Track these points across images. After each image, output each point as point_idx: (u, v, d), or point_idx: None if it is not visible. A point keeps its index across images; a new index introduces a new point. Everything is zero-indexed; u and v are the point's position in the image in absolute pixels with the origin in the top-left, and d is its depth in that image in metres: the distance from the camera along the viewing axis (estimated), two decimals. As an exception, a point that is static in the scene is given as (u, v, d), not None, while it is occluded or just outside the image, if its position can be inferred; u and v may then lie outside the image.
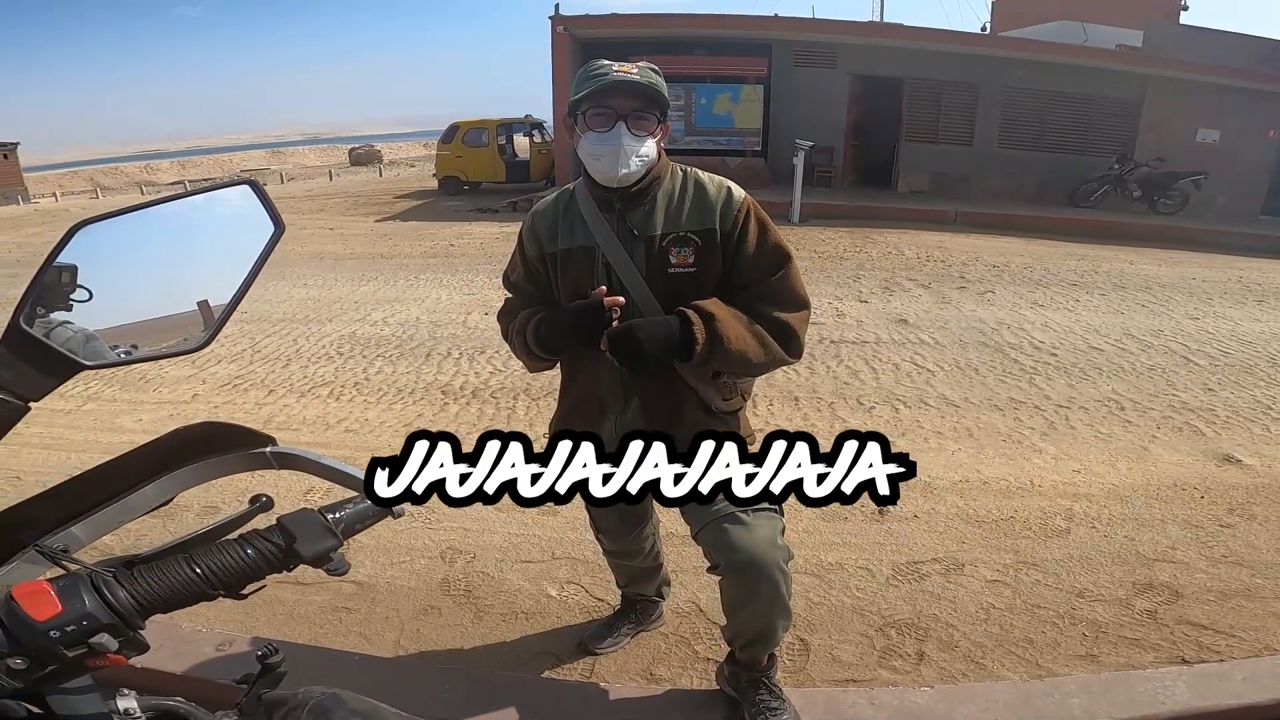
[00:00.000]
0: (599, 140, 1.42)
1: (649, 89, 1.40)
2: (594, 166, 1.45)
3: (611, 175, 1.43)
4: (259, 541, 0.71)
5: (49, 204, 20.38)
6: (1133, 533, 2.66)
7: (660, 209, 1.49)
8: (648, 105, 1.42)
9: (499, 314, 1.67)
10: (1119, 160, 12.02)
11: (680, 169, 1.55)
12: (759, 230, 1.49)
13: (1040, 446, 3.40)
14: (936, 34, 13.03)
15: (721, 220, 1.48)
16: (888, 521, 2.74)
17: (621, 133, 1.41)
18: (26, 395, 0.67)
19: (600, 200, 1.51)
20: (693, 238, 1.48)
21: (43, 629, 0.60)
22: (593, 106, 1.42)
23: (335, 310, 6.17)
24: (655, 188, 1.50)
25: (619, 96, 1.41)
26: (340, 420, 3.86)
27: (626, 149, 1.41)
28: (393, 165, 29.58)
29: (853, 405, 3.91)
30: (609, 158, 1.42)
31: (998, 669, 2.01)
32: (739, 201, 1.50)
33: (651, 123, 1.44)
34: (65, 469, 3.17)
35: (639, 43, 12.19)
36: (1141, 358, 4.69)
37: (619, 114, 1.41)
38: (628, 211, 1.49)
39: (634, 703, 1.86)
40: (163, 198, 0.75)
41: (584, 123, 1.44)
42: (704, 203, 1.49)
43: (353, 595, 2.35)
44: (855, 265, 7.72)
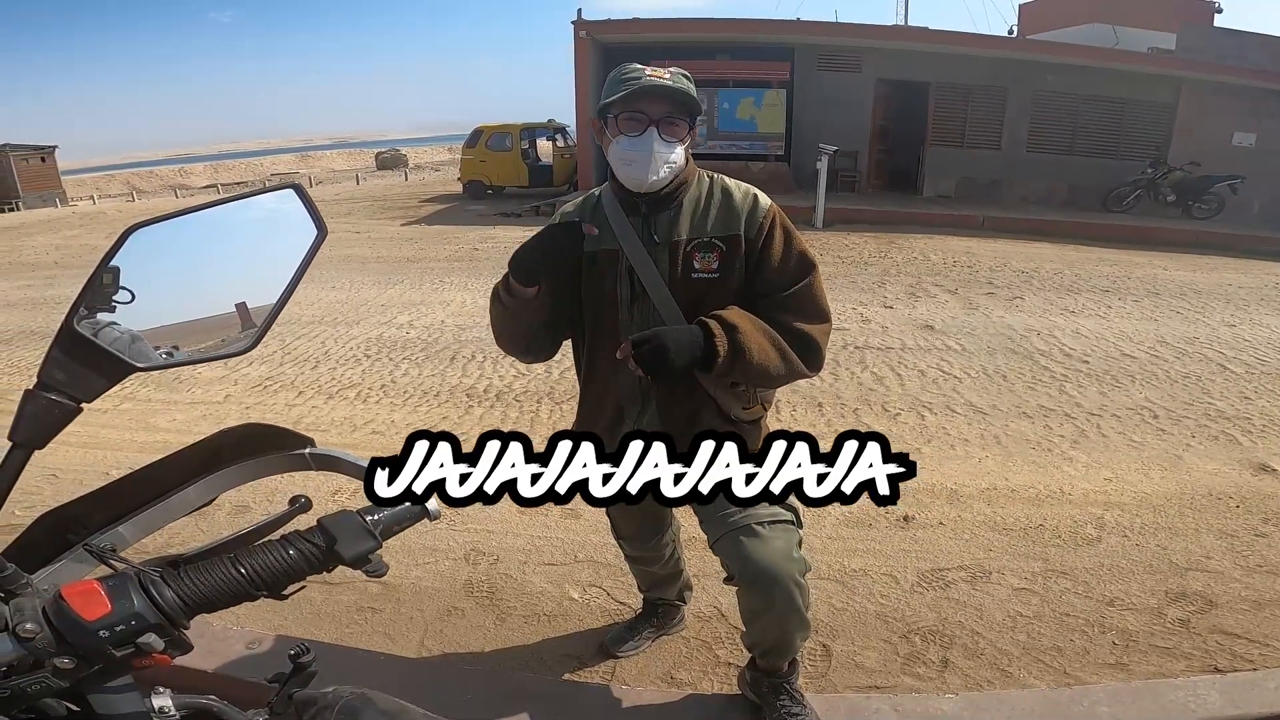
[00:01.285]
0: (630, 145, 1.42)
1: (681, 94, 1.40)
2: (623, 171, 1.45)
3: (641, 181, 1.43)
4: (300, 542, 0.71)
5: (86, 206, 20.91)
6: (1166, 541, 2.61)
7: (686, 214, 1.49)
8: (679, 111, 1.42)
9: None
10: (1153, 164, 11.77)
11: (707, 175, 1.55)
12: (784, 239, 1.48)
13: (1071, 454, 3.34)
14: (967, 38, 12.88)
15: (747, 227, 1.47)
16: (913, 528, 2.71)
17: (653, 138, 1.41)
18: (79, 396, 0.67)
19: (626, 204, 1.50)
20: (717, 243, 1.47)
21: (92, 629, 0.60)
22: (624, 110, 1.42)
23: (362, 313, 6.26)
24: (682, 193, 1.50)
25: (651, 101, 1.40)
26: (367, 422, 3.92)
27: (658, 155, 1.41)
28: (418, 169, 29.92)
29: (877, 411, 3.87)
30: (640, 163, 1.41)
31: (1024, 677, 1.98)
32: (765, 209, 1.49)
33: (682, 128, 1.43)
34: (101, 467, 3.25)
35: (661, 47, 12.22)
36: (1176, 365, 4.59)
37: (651, 119, 1.40)
38: (653, 215, 1.49)
39: (655, 707, 1.86)
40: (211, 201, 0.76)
41: (615, 126, 1.44)
42: (730, 209, 1.49)
43: (378, 595, 2.37)
44: (880, 271, 7.65)
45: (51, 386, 0.66)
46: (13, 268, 9.79)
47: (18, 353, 5.48)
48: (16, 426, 0.65)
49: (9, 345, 5.69)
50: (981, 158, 13.15)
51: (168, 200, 21.91)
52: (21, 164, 21.28)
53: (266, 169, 33.21)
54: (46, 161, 22.17)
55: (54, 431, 0.67)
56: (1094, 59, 12.37)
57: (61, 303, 7.12)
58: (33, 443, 0.66)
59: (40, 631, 0.60)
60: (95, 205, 21.35)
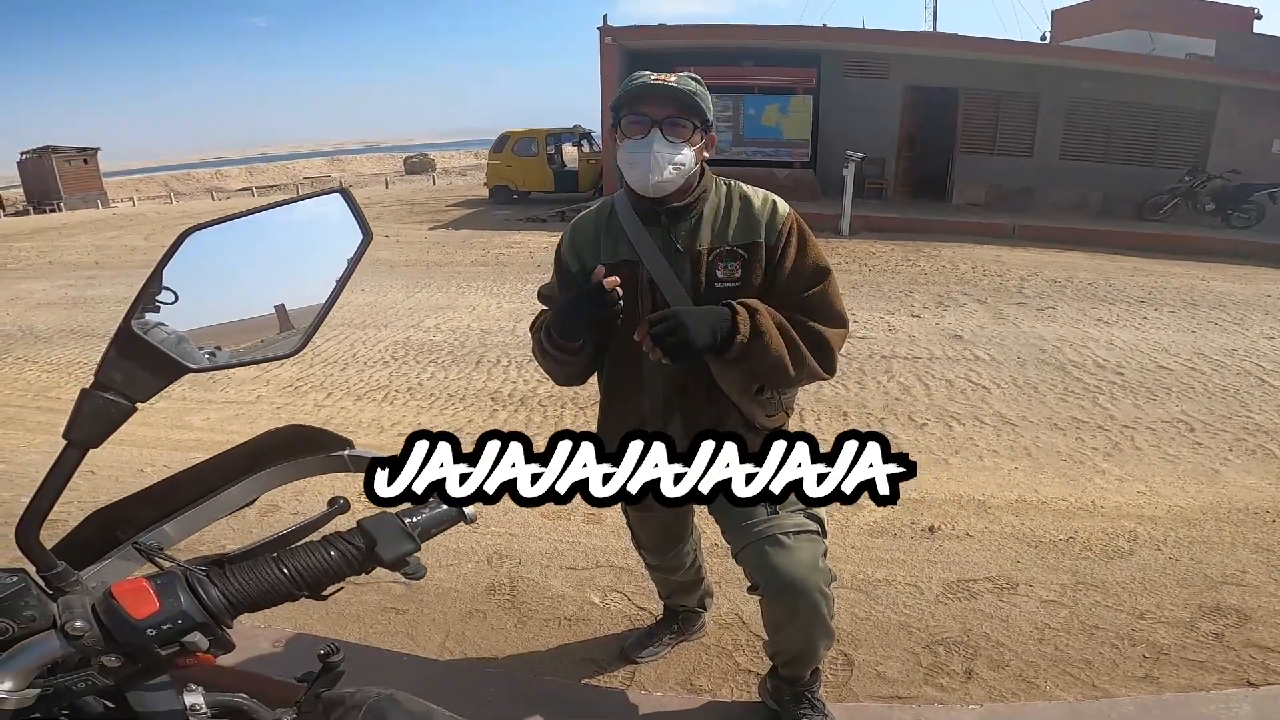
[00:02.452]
0: (633, 147, 1.42)
1: (682, 95, 1.39)
2: (629, 174, 1.45)
3: (644, 183, 1.43)
4: (341, 544, 0.71)
5: (127, 208, 21.46)
6: (1200, 555, 2.55)
7: (707, 223, 1.48)
8: (682, 112, 1.41)
9: (530, 326, 1.66)
10: (1191, 172, 11.50)
11: (724, 182, 1.54)
12: (800, 245, 1.48)
13: (1103, 467, 3.28)
14: (999, 44, 12.72)
15: (767, 234, 1.47)
16: (938, 539, 2.68)
17: (654, 139, 1.40)
18: (134, 397, 0.68)
19: (644, 213, 1.49)
20: (739, 252, 1.47)
21: (140, 627, 0.61)
22: (628, 113, 1.42)
23: (390, 316, 6.34)
24: (701, 201, 1.49)
25: (653, 103, 1.40)
26: (394, 424, 3.97)
27: (660, 155, 1.40)
28: (445, 174, 30.26)
29: (904, 421, 3.83)
30: (642, 165, 1.41)
31: (1051, 689, 1.94)
32: (784, 216, 1.49)
33: (687, 130, 1.42)
34: (136, 465, 3.34)
35: (687, 53, 12.25)
36: (1214, 378, 4.47)
37: (653, 120, 1.40)
38: (674, 225, 1.48)
39: (674, 713, 1.86)
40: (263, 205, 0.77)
41: (621, 131, 1.45)
42: (750, 216, 1.48)
43: (402, 596, 2.40)
44: (907, 279, 7.56)
45: (108, 386, 0.67)
46: (53, 267, 10.09)
47: (57, 351, 5.64)
48: (72, 425, 0.66)
49: (49, 344, 5.87)
50: (1013, 165, 12.95)
51: (204, 203, 22.44)
52: (64, 165, 21.90)
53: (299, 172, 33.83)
54: (89, 163, 22.77)
55: (109, 431, 0.68)
56: (1132, 65, 12.14)
57: (101, 302, 7.33)
58: (88, 442, 0.67)
59: (89, 630, 0.60)
60: (135, 207, 21.91)
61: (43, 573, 0.66)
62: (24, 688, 0.58)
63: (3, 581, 0.61)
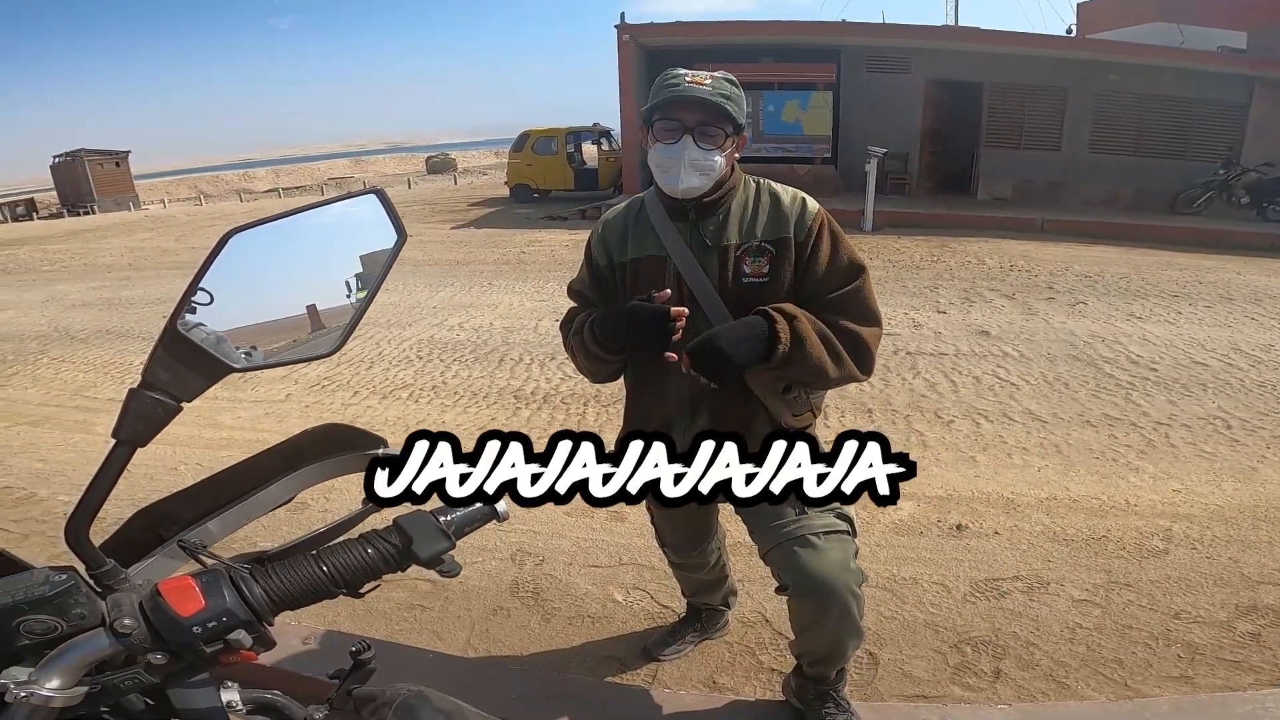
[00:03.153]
0: (665, 152, 1.43)
1: (715, 104, 1.39)
2: (660, 178, 1.46)
3: (675, 188, 1.44)
4: (379, 542, 0.72)
5: (158, 210, 21.90)
6: (1237, 554, 2.48)
7: (735, 219, 1.49)
8: (715, 119, 1.41)
9: (561, 323, 1.67)
10: (1225, 165, 11.21)
11: (754, 180, 1.54)
12: (832, 243, 1.47)
13: (1137, 465, 3.21)
14: (1024, 38, 12.48)
15: (796, 230, 1.46)
16: (966, 537, 2.64)
17: (686, 146, 1.40)
18: (180, 396, 0.69)
19: (673, 209, 1.50)
20: (767, 247, 1.46)
21: (187, 624, 0.61)
22: (661, 118, 1.42)
23: (414, 315, 6.41)
24: (730, 198, 1.50)
25: (686, 110, 1.40)
26: (419, 422, 4.01)
27: (690, 162, 1.41)
28: (466, 173, 30.47)
29: (930, 418, 3.78)
30: (673, 170, 1.42)
31: (1082, 689, 1.91)
32: (813, 213, 1.48)
33: (719, 136, 1.42)
34: (170, 463, 3.41)
35: (705, 50, 12.20)
36: (1251, 374, 4.35)
37: (686, 127, 1.40)
38: (701, 221, 1.48)
39: (697, 712, 1.85)
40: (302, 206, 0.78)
41: (653, 135, 1.45)
42: (779, 213, 1.48)
43: (428, 594, 2.42)
44: (932, 275, 7.47)
45: (155, 386, 0.68)
46: (88, 269, 10.35)
47: (94, 351, 5.78)
48: (121, 425, 0.67)
49: (85, 344, 6.01)
50: (1040, 159, 12.71)
51: (233, 204, 22.84)
52: (96, 168, 22.42)
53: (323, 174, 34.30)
54: (120, 166, 23.27)
55: (156, 430, 0.69)
56: (1163, 58, 11.86)
57: (135, 304, 7.50)
58: (137, 440, 0.68)
59: (137, 627, 0.61)
60: (166, 209, 22.36)
61: (92, 571, 0.67)
62: (73, 685, 0.59)
63: (53, 579, 0.62)
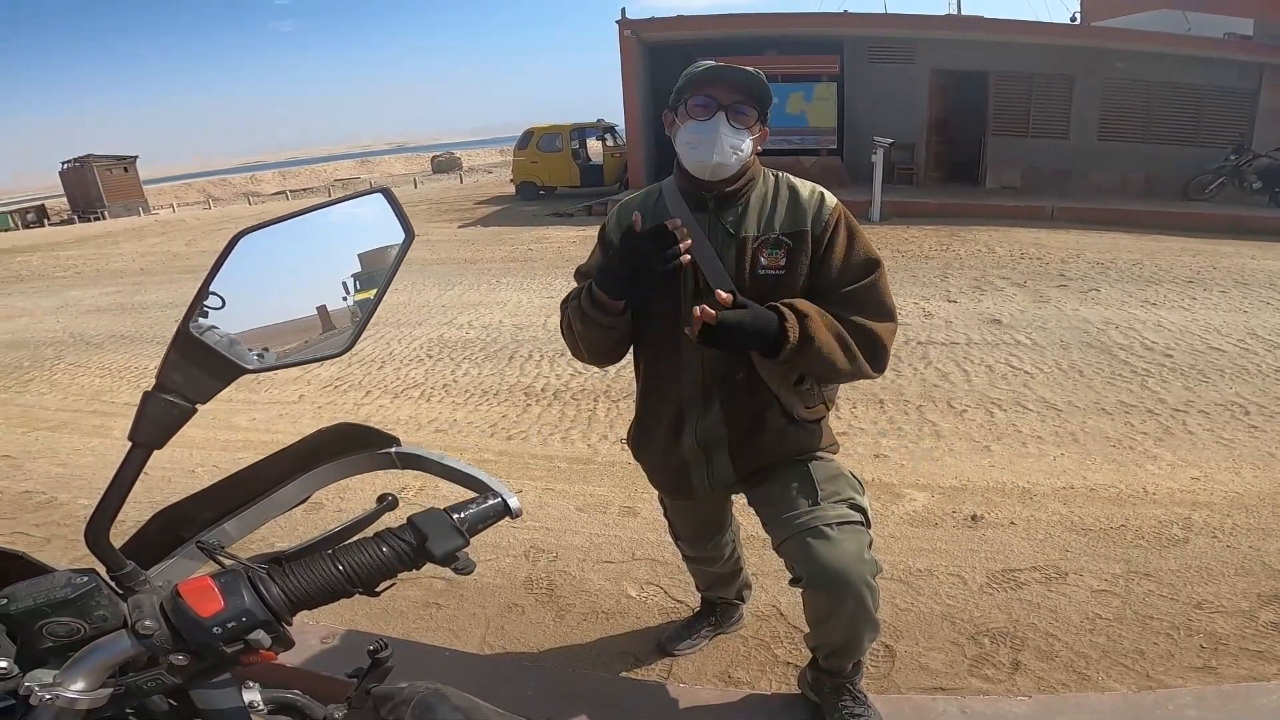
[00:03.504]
0: (697, 128, 1.41)
1: (752, 80, 1.40)
2: (689, 155, 1.44)
3: (706, 164, 1.42)
4: (394, 540, 0.72)
5: (167, 215, 22.04)
6: (1259, 543, 2.45)
7: (754, 210, 1.48)
8: (749, 99, 1.41)
9: (561, 302, 1.62)
10: (1236, 151, 11.08)
11: (772, 173, 1.54)
12: (849, 237, 1.46)
13: (1154, 452, 3.17)
14: (1029, 26, 12.35)
15: (813, 224, 1.45)
16: (981, 528, 2.62)
17: (720, 122, 1.40)
18: (194, 398, 0.70)
19: (692, 198, 1.49)
20: (785, 240, 1.46)
21: (207, 625, 0.62)
22: (695, 94, 1.42)
23: (424, 314, 6.43)
24: (749, 189, 1.49)
25: (722, 87, 1.40)
26: (430, 420, 4.02)
27: (724, 138, 1.40)
28: (472, 171, 30.51)
29: (942, 408, 3.75)
30: (705, 146, 1.41)
31: (1103, 680, 1.89)
32: (831, 207, 1.47)
33: (750, 118, 1.42)
34: (186, 465, 3.43)
35: (706, 44, 12.15)
36: (1268, 359, 4.30)
37: (720, 104, 1.40)
38: (721, 211, 1.48)
39: (712, 706, 1.85)
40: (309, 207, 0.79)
41: (685, 112, 1.44)
42: (797, 206, 1.47)
43: (443, 591, 2.43)
44: (942, 264, 7.41)
45: (170, 388, 0.68)
46: (100, 275, 10.44)
47: (108, 356, 5.83)
48: (137, 427, 0.68)
49: (100, 349, 6.07)
50: (1048, 147, 12.60)
51: (241, 207, 22.99)
52: (105, 174, 22.61)
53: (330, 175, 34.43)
54: (129, 171, 23.47)
55: (172, 432, 0.69)
56: (1169, 45, 11.74)
57: (148, 308, 7.56)
58: (153, 443, 0.69)
59: (159, 629, 0.62)
60: (175, 213, 22.51)
61: (113, 573, 0.68)
62: (97, 687, 0.59)
63: (74, 582, 0.62)
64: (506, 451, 3.54)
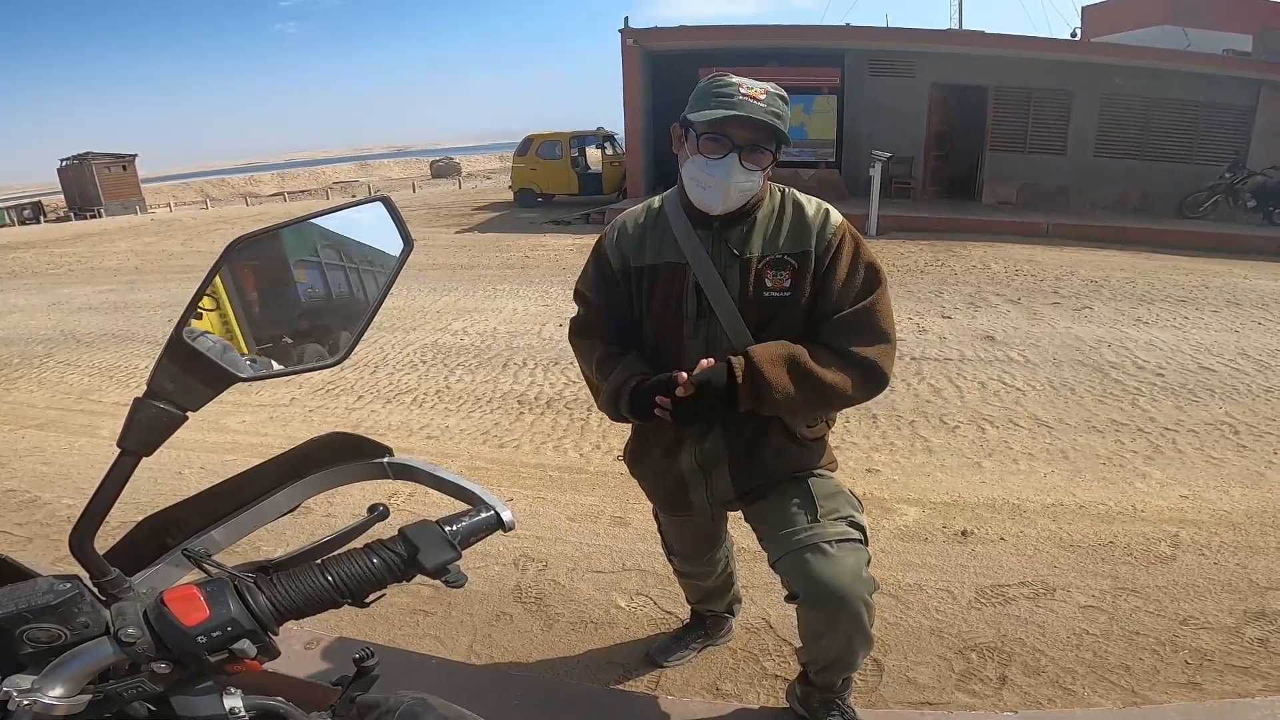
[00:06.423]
0: (707, 168, 1.37)
1: (771, 125, 1.33)
2: (695, 193, 1.41)
3: (712, 207, 1.39)
4: (384, 551, 0.71)
5: (164, 214, 21.98)
6: (1245, 560, 2.47)
7: (759, 230, 1.45)
8: (766, 139, 1.36)
9: (570, 333, 1.62)
10: (1231, 169, 11.19)
11: (778, 189, 1.50)
12: (852, 256, 1.43)
13: (1144, 470, 3.19)
14: (1028, 41, 12.47)
15: (817, 243, 1.43)
16: (971, 543, 2.62)
17: (732, 165, 1.35)
18: (185, 405, 0.69)
19: (695, 217, 1.46)
20: (789, 260, 1.43)
21: (191, 634, 0.61)
22: (709, 131, 1.35)
23: (419, 320, 6.41)
24: (756, 209, 1.45)
25: (738, 127, 1.34)
26: (422, 427, 4.01)
27: (734, 184, 1.36)
28: (470, 177, 30.53)
29: (935, 424, 3.77)
30: (714, 189, 1.37)
31: (1089, 695, 1.89)
32: (835, 225, 1.44)
33: (766, 158, 1.37)
34: (174, 467, 3.41)
35: (708, 54, 12.20)
36: (1258, 379, 4.33)
37: (735, 144, 1.34)
38: (725, 231, 1.44)
39: (700, 719, 1.84)
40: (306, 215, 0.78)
41: (695, 143, 1.38)
42: (802, 224, 1.44)
43: (430, 599, 2.42)
44: (937, 279, 7.45)
45: (161, 395, 0.67)
46: (94, 273, 10.39)
47: (98, 355, 5.80)
48: (126, 434, 0.67)
49: (91, 348, 6.03)
50: (1045, 163, 12.69)
51: (239, 208, 22.94)
52: (103, 172, 22.55)
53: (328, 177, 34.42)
54: (127, 170, 23.41)
55: (162, 439, 0.68)
56: (1168, 62, 11.85)
57: (141, 307, 7.52)
58: (142, 450, 0.68)
59: (141, 637, 0.61)
60: (172, 212, 22.45)
61: (96, 579, 0.67)
62: (76, 694, 0.58)
63: (57, 588, 0.62)
64: (498, 459, 3.53)
